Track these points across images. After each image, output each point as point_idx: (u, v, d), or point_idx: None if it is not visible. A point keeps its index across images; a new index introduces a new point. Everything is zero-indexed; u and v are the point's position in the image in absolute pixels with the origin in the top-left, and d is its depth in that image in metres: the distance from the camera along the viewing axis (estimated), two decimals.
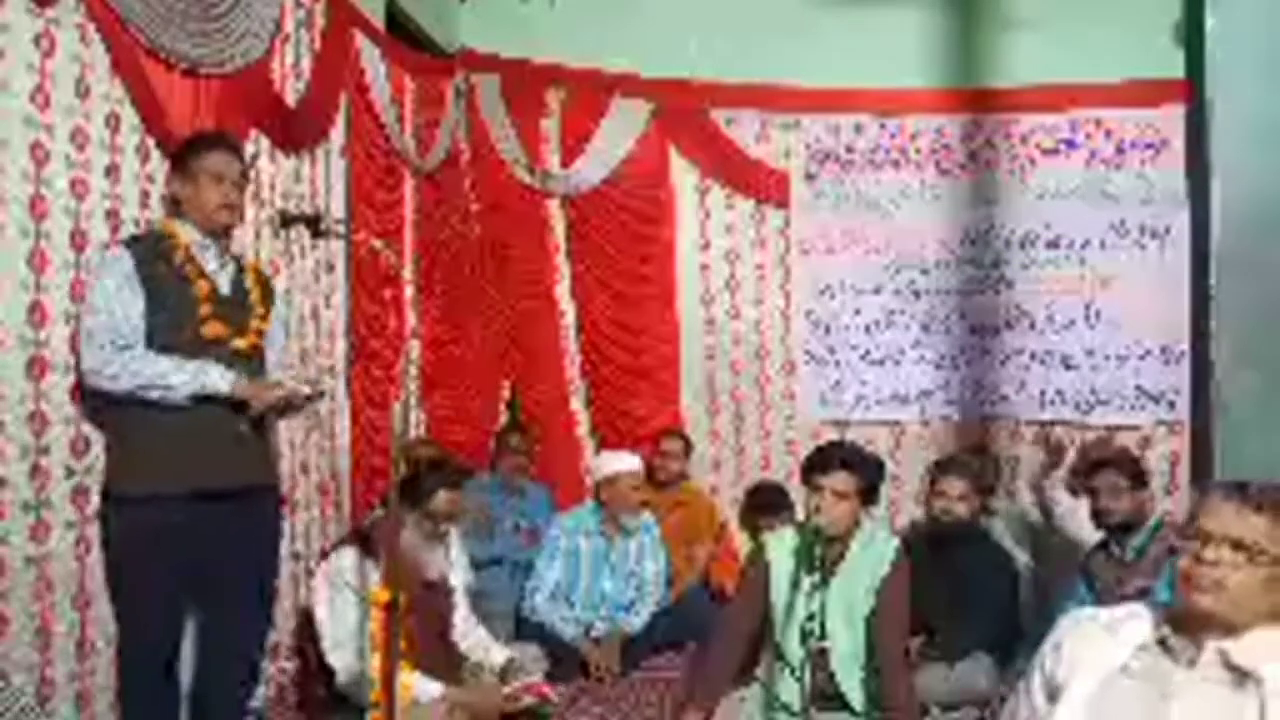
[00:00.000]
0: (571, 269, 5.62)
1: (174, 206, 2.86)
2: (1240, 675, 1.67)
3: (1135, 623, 1.82)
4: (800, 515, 3.37)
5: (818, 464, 2.97)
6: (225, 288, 2.83)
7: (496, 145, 5.46)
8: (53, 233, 2.65)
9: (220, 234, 2.84)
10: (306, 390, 2.83)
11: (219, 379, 2.68)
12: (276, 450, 3.24)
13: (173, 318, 2.70)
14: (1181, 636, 1.75)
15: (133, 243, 2.76)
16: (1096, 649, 1.82)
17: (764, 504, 4.91)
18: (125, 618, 2.78)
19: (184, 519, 2.66)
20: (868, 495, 2.98)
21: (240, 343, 2.81)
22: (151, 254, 2.72)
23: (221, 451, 2.74)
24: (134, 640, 2.76)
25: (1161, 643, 1.76)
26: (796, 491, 3.70)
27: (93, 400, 2.72)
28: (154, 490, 2.66)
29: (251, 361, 2.86)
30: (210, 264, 2.81)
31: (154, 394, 2.63)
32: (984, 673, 3.59)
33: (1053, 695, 1.84)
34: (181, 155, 2.84)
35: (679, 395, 5.56)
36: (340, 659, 3.08)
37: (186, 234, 2.79)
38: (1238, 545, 1.71)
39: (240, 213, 2.90)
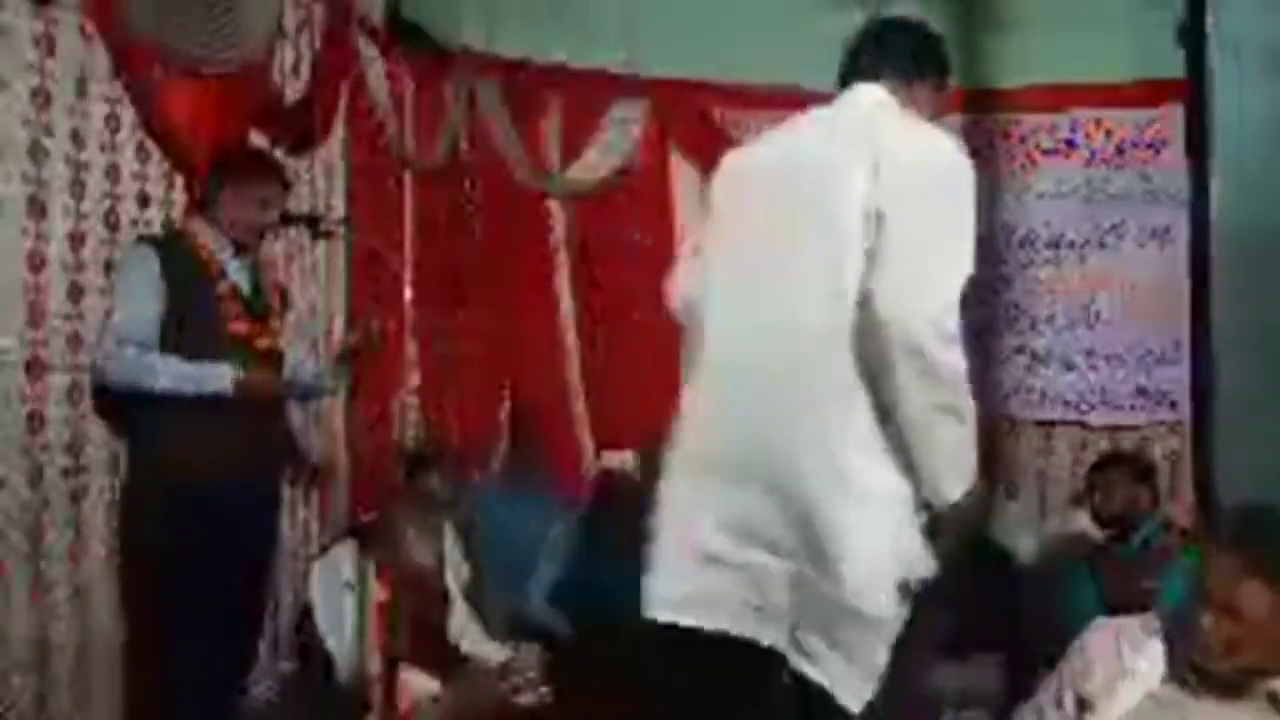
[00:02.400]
0: (571, 269, 5.61)
1: (202, 208, 2.91)
2: None
3: (1158, 643, 1.80)
4: None
5: None
6: (246, 287, 2.89)
7: (496, 145, 5.45)
8: (52, 233, 2.65)
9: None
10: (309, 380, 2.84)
11: (218, 378, 2.68)
12: (305, 445, 3.29)
13: (197, 317, 2.74)
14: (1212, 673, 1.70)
15: (155, 240, 2.83)
16: (1126, 669, 1.80)
17: None
18: (144, 605, 2.82)
19: (202, 513, 2.69)
20: None
21: (263, 341, 2.88)
22: (174, 253, 2.77)
23: (240, 448, 2.79)
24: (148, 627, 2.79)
25: (1188, 679, 1.73)
26: None
27: (104, 396, 2.74)
28: (173, 481, 2.70)
29: (270, 360, 2.92)
30: (230, 264, 2.86)
31: (147, 386, 2.64)
32: (990, 672, 3.59)
33: (1082, 704, 1.82)
34: (233, 168, 2.90)
35: (679, 395, 5.53)
36: (339, 656, 3.08)
37: (208, 234, 2.85)
38: (1226, 609, 1.68)
39: (269, 229, 2.99)
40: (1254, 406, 4.61)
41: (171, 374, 2.65)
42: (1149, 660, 1.79)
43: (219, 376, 2.69)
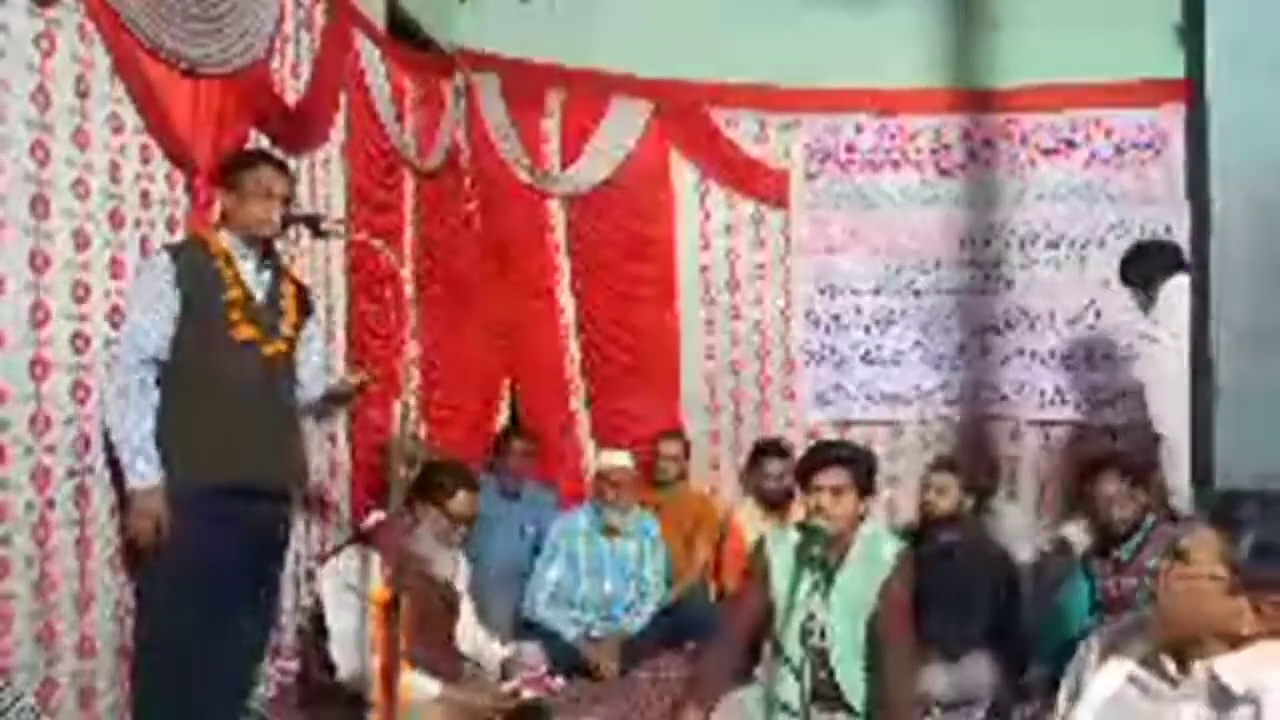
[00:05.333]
0: (571, 269, 5.62)
1: (220, 219, 2.97)
2: (1230, 696, 1.66)
3: (1138, 637, 1.82)
4: (799, 511, 3.36)
5: (813, 465, 2.97)
6: (260, 294, 2.92)
7: (496, 145, 5.46)
8: (54, 233, 2.65)
9: (262, 243, 2.93)
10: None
11: (137, 477, 2.69)
12: (305, 456, 3.29)
13: (206, 321, 2.78)
14: (1168, 655, 1.75)
15: (172, 248, 2.85)
16: (1103, 666, 1.83)
17: (763, 458, 4.85)
18: (144, 609, 2.83)
19: (203, 513, 2.70)
20: (864, 488, 2.98)
21: (270, 348, 2.90)
22: (190, 258, 2.80)
23: (245, 451, 2.82)
24: (150, 631, 2.80)
25: (1152, 662, 1.77)
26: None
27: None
28: (178, 481, 2.72)
29: (279, 366, 2.94)
30: (247, 271, 2.90)
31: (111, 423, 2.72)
32: (983, 672, 3.59)
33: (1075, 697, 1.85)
34: (231, 169, 2.94)
35: (679, 395, 5.56)
36: (343, 659, 3.08)
37: (226, 241, 2.88)
38: (1178, 555, 1.73)
39: (281, 225, 2.95)
40: (1254, 406, 4.61)
41: (121, 421, 2.68)
42: (1126, 650, 1.82)
43: (141, 472, 2.67)
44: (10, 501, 2.52)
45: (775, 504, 4.73)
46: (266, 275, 2.97)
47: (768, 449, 4.90)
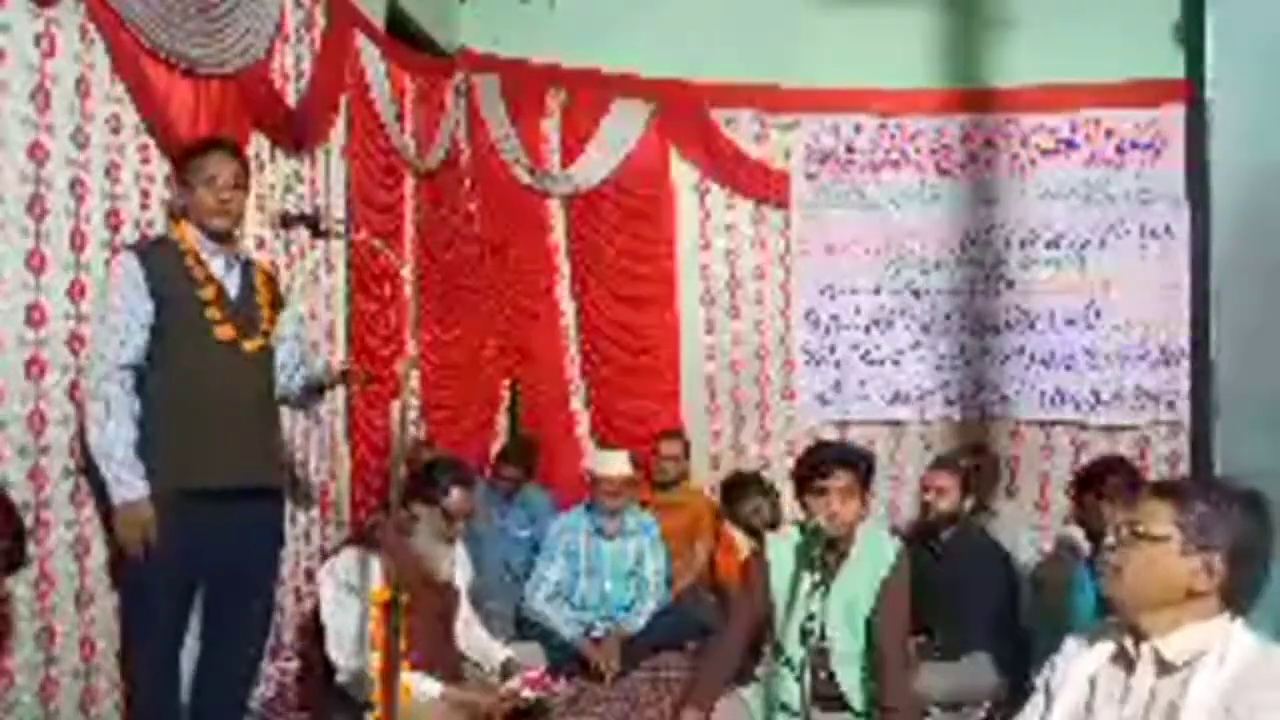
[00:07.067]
0: (571, 269, 5.62)
1: (182, 213, 2.88)
2: (1169, 667, 1.72)
3: (1112, 632, 1.85)
4: (789, 510, 3.36)
5: (817, 468, 2.95)
6: (233, 290, 2.84)
7: (496, 145, 5.46)
8: (52, 233, 2.65)
9: (224, 236, 2.83)
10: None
11: (123, 489, 2.63)
12: (287, 454, 3.26)
13: (183, 322, 2.71)
14: (1131, 641, 1.78)
15: (140, 248, 2.77)
16: (1077, 662, 1.86)
17: (742, 494, 4.86)
18: (134, 614, 2.80)
19: (194, 517, 2.67)
20: (865, 489, 2.98)
21: (249, 345, 2.83)
22: (159, 259, 2.72)
23: (233, 451, 2.77)
24: (142, 636, 2.77)
25: (1122, 650, 1.80)
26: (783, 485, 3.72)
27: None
28: (167, 486, 2.68)
29: (260, 363, 2.89)
30: (218, 267, 2.82)
31: (92, 414, 2.65)
32: (983, 672, 3.59)
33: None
34: (181, 162, 2.85)
35: (679, 395, 5.56)
36: (341, 658, 3.08)
37: (193, 238, 2.79)
38: (1130, 527, 1.78)
39: (238, 215, 2.85)
40: (1254, 406, 4.61)
41: (101, 433, 2.61)
42: (1099, 645, 1.85)
43: (126, 484, 2.61)
44: None
45: (759, 535, 4.67)
46: (237, 269, 2.87)
47: (745, 484, 4.90)
